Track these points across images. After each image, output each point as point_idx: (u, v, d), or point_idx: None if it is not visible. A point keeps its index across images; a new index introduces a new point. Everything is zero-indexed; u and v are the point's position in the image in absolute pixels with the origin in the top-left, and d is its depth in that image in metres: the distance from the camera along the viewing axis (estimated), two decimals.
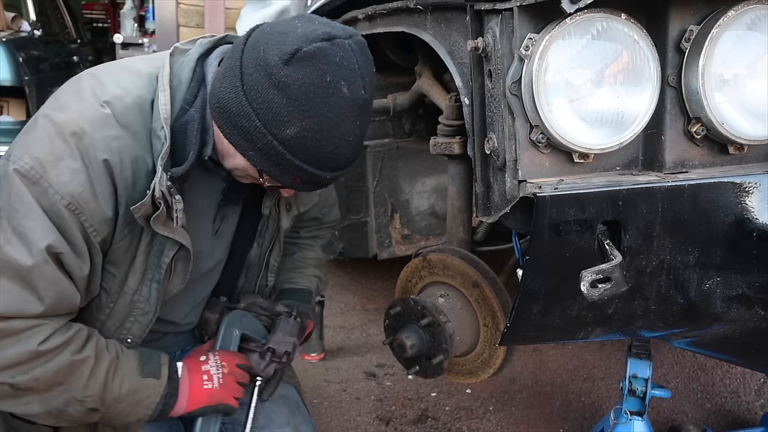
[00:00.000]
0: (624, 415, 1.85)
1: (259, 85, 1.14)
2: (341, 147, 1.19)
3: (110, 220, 1.22)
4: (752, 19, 1.21)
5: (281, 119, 1.14)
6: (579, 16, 1.15)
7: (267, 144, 1.17)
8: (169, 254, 1.30)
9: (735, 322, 1.34)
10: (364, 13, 2.03)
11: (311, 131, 1.15)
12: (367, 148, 2.45)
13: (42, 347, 1.20)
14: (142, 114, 1.24)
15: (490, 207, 1.44)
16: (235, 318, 1.52)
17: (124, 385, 1.29)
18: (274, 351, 1.51)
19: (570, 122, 1.21)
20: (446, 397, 2.59)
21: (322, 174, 1.21)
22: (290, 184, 1.26)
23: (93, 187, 1.19)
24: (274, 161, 1.19)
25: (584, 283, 1.15)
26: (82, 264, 1.22)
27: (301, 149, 1.17)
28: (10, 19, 5.59)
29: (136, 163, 1.22)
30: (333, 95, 1.14)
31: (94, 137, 1.19)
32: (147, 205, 1.19)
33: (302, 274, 1.77)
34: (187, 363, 1.41)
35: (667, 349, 2.83)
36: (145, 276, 1.31)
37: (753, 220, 1.23)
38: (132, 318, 1.34)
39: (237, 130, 1.18)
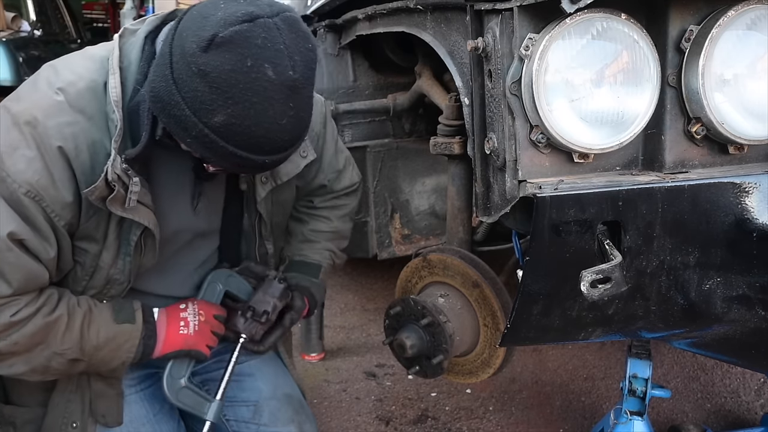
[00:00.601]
0: (624, 415, 1.85)
1: (184, 74, 1.12)
2: (274, 131, 1.16)
3: (72, 204, 1.25)
4: (752, 19, 1.21)
5: (207, 108, 1.12)
6: (579, 16, 1.15)
7: (200, 132, 1.15)
8: (136, 233, 1.33)
9: (735, 323, 1.34)
10: (364, 13, 2.03)
11: (239, 117, 1.12)
12: (367, 148, 2.45)
13: (14, 318, 1.25)
14: (96, 97, 1.25)
15: (490, 207, 1.44)
16: (221, 275, 1.55)
17: (101, 334, 1.34)
18: (253, 309, 1.54)
19: (570, 122, 1.21)
20: (446, 397, 2.59)
21: (259, 158, 1.19)
22: (231, 168, 1.27)
23: (50, 174, 1.21)
24: (210, 149, 1.17)
25: (584, 283, 1.15)
26: (48, 247, 1.25)
27: (233, 136, 1.14)
28: (10, 19, 5.60)
29: (94, 147, 1.24)
30: (257, 80, 1.10)
31: (47, 125, 1.21)
32: (100, 188, 1.21)
33: (312, 248, 1.73)
34: (166, 309, 1.45)
35: (667, 349, 2.83)
36: (119, 251, 1.34)
37: (753, 221, 1.23)
38: (106, 289, 1.38)
39: (172, 119, 1.17)
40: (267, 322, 1.56)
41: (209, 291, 1.54)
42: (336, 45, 2.42)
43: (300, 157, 1.53)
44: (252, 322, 1.55)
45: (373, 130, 2.49)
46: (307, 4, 2.56)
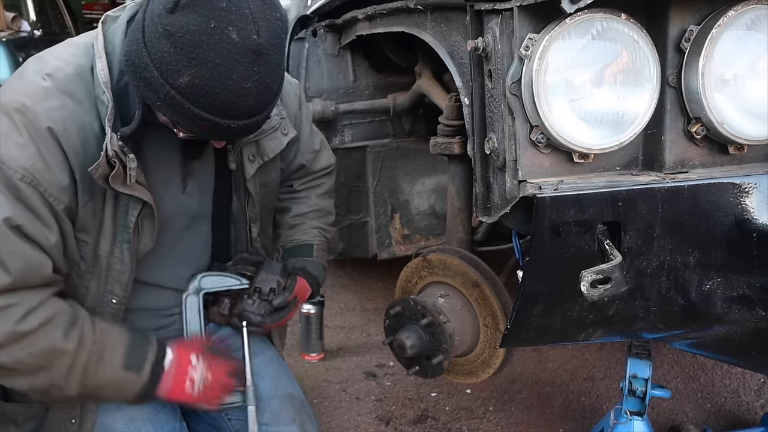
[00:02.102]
0: (624, 415, 1.85)
1: (153, 36, 1.15)
2: (239, 94, 1.16)
3: (69, 188, 1.26)
4: (752, 19, 1.20)
5: (173, 68, 1.14)
6: (579, 16, 1.15)
7: (167, 94, 1.17)
8: (134, 213, 1.34)
9: (735, 324, 1.33)
10: (364, 13, 2.03)
11: (203, 79, 1.14)
12: (367, 148, 2.46)
13: (20, 327, 1.24)
14: (83, 82, 1.28)
15: (490, 207, 1.44)
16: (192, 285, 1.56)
17: (106, 376, 1.34)
18: (260, 290, 1.58)
19: (570, 122, 1.21)
20: (446, 397, 2.59)
21: (225, 122, 1.20)
22: (199, 134, 1.27)
23: (43, 157, 1.23)
24: (177, 111, 1.19)
25: (584, 283, 1.15)
26: (49, 233, 1.25)
27: (198, 97, 1.16)
28: (10, 19, 5.60)
29: (83, 130, 1.26)
30: (220, 41, 1.12)
31: (36, 110, 1.23)
32: (103, 165, 1.23)
33: (299, 231, 1.78)
34: (177, 358, 1.43)
35: (667, 350, 2.83)
36: (115, 238, 1.35)
37: (753, 221, 1.23)
38: (111, 279, 1.38)
39: (143, 82, 1.19)
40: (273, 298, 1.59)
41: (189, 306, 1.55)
42: (336, 45, 2.42)
43: (282, 135, 1.60)
44: (260, 302, 1.59)
45: (373, 130, 2.50)
46: (307, 4, 2.56)
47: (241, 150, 1.54)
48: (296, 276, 1.67)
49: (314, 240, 1.78)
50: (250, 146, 1.55)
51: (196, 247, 1.58)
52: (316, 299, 2.78)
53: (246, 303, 1.59)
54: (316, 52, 2.44)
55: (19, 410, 1.43)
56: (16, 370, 1.27)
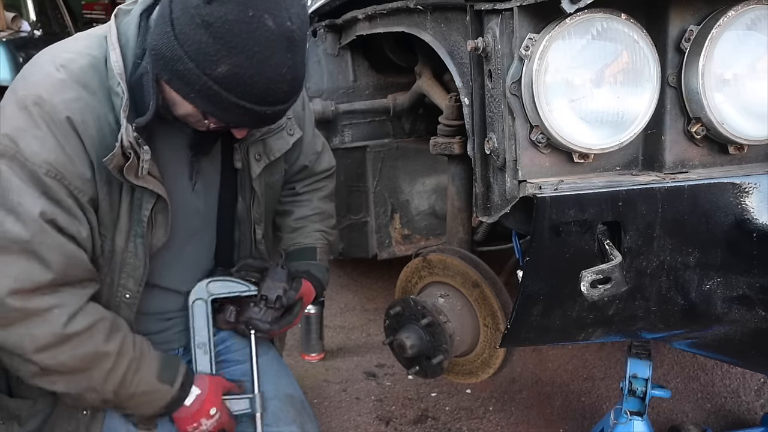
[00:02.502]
0: (624, 415, 1.85)
1: (186, 27, 1.16)
2: (275, 80, 1.19)
3: (90, 180, 1.27)
4: (752, 19, 1.20)
5: (211, 58, 1.15)
6: (579, 16, 1.15)
7: (203, 85, 1.18)
8: (147, 206, 1.34)
9: (735, 324, 1.33)
10: (364, 13, 2.03)
11: (242, 67, 1.16)
12: (367, 148, 2.45)
13: (67, 329, 1.25)
14: (98, 73, 1.28)
15: (490, 207, 1.44)
16: (199, 289, 1.56)
17: (141, 385, 1.37)
18: (266, 297, 1.58)
19: (570, 122, 1.21)
20: (446, 397, 2.59)
21: (262, 109, 1.22)
22: (234, 122, 1.28)
23: (63, 149, 1.23)
24: (213, 101, 1.20)
25: (584, 283, 1.15)
26: (80, 226, 1.27)
27: (236, 86, 1.17)
28: (10, 19, 5.60)
29: (99, 121, 1.26)
30: (258, 29, 1.14)
31: (53, 101, 1.23)
32: (118, 156, 1.23)
33: (302, 234, 1.78)
34: (202, 400, 1.46)
35: (667, 350, 2.83)
36: (130, 233, 1.35)
37: (753, 221, 1.23)
38: (125, 274, 1.38)
39: (175, 75, 1.20)
40: (281, 308, 1.60)
41: (197, 308, 1.55)
42: (336, 45, 2.42)
43: (288, 135, 1.61)
44: (267, 310, 1.59)
45: (373, 130, 2.50)
46: (307, 4, 2.56)
47: (247, 149, 1.54)
48: (301, 279, 1.67)
49: (317, 243, 1.78)
50: (257, 145, 1.55)
51: (201, 248, 1.58)
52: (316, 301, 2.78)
53: (252, 311, 1.59)
54: (316, 52, 2.44)
55: (23, 406, 1.43)
56: (58, 372, 1.29)
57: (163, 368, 1.41)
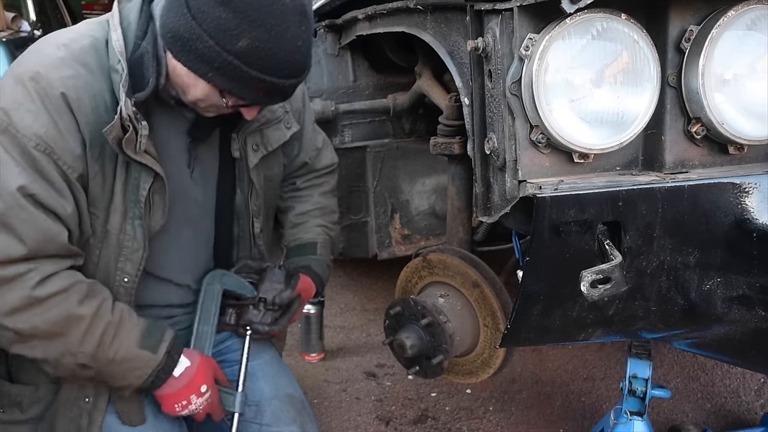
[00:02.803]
0: (624, 415, 1.85)
1: (204, 5, 1.19)
2: (292, 52, 1.24)
3: (81, 157, 1.28)
4: (752, 19, 1.20)
5: (232, 33, 1.18)
6: (579, 16, 1.15)
7: (224, 61, 1.21)
8: (145, 186, 1.35)
9: (735, 324, 1.33)
10: (364, 13, 2.03)
11: (262, 41, 1.19)
12: (367, 148, 2.45)
13: (36, 292, 1.25)
14: (98, 53, 1.31)
15: (490, 207, 1.44)
16: (216, 276, 1.58)
17: (120, 351, 1.35)
18: (265, 300, 1.59)
19: (570, 122, 1.21)
20: (446, 397, 2.59)
21: (280, 81, 1.25)
22: (253, 98, 1.29)
23: (56, 125, 1.24)
24: (233, 77, 1.23)
25: (584, 283, 1.15)
26: (65, 203, 1.27)
27: (256, 59, 1.21)
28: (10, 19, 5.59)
29: (95, 99, 1.28)
30: (274, 3, 1.19)
31: (50, 77, 1.25)
32: (117, 128, 1.25)
33: (303, 229, 1.79)
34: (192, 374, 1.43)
35: (667, 350, 2.83)
36: (126, 214, 1.36)
37: (753, 221, 1.23)
38: (123, 257, 1.38)
39: (194, 54, 1.22)
40: (280, 309, 1.61)
41: (208, 293, 1.56)
42: (336, 45, 2.42)
43: (285, 128, 1.63)
44: (266, 312, 1.60)
45: (373, 130, 2.50)
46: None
47: (245, 139, 1.55)
48: (299, 275, 1.67)
49: (318, 238, 1.78)
50: (255, 135, 1.56)
51: (200, 239, 1.58)
52: (316, 299, 2.78)
53: (252, 313, 1.59)
54: (316, 52, 2.44)
55: (24, 392, 1.43)
56: (33, 335, 1.28)
57: (145, 335, 1.38)
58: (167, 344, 1.40)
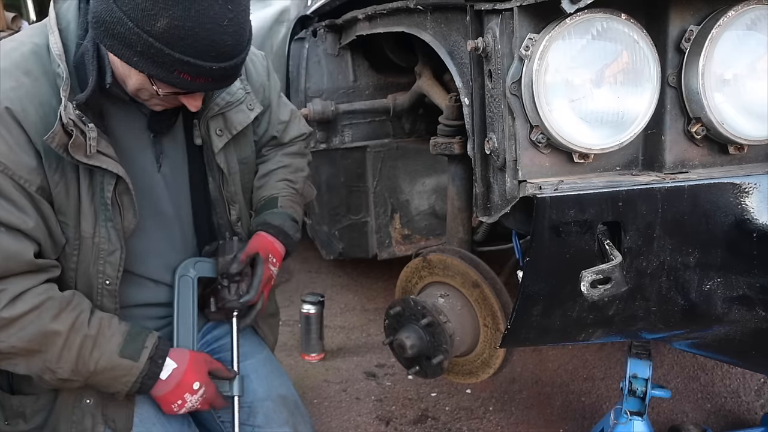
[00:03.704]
0: (624, 415, 1.85)
1: None
2: (217, 32, 1.18)
3: (36, 169, 1.26)
4: (752, 19, 1.20)
5: (149, 14, 1.14)
6: (579, 17, 1.15)
7: (144, 43, 1.16)
8: (108, 188, 1.33)
9: (736, 324, 1.33)
10: (364, 13, 2.03)
11: (180, 19, 1.14)
12: (367, 148, 2.46)
13: (5, 313, 1.24)
14: (39, 59, 1.29)
15: (490, 207, 1.44)
16: (187, 265, 1.56)
17: (101, 362, 1.34)
18: (227, 273, 1.55)
19: (570, 122, 1.21)
20: (446, 397, 2.59)
21: (207, 64, 1.20)
22: (180, 83, 1.23)
23: (5, 139, 1.23)
24: (156, 61, 1.18)
25: (584, 283, 1.15)
26: (26, 217, 1.25)
27: (177, 40, 1.16)
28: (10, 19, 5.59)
29: (42, 107, 1.26)
30: None
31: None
32: (59, 134, 1.21)
33: (265, 187, 1.74)
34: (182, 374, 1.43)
35: (667, 350, 2.83)
36: (97, 218, 1.34)
37: (753, 221, 1.23)
38: (101, 260, 1.37)
39: (116, 39, 1.19)
40: (242, 278, 1.57)
41: (183, 284, 1.55)
42: (336, 45, 2.42)
43: (248, 110, 1.59)
44: (233, 285, 1.56)
45: (373, 130, 2.50)
46: (307, 4, 2.56)
47: (207, 124, 1.51)
48: (248, 238, 1.61)
49: (280, 192, 1.72)
50: (217, 120, 1.53)
51: (179, 233, 1.57)
52: (315, 299, 2.78)
53: (223, 293, 1.56)
54: (316, 52, 2.44)
55: (26, 402, 1.43)
56: (13, 354, 1.28)
57: (126, 342, 1.37)
58: (149, 350, 1.39)
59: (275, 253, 1.63)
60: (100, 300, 1.39)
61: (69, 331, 1.30)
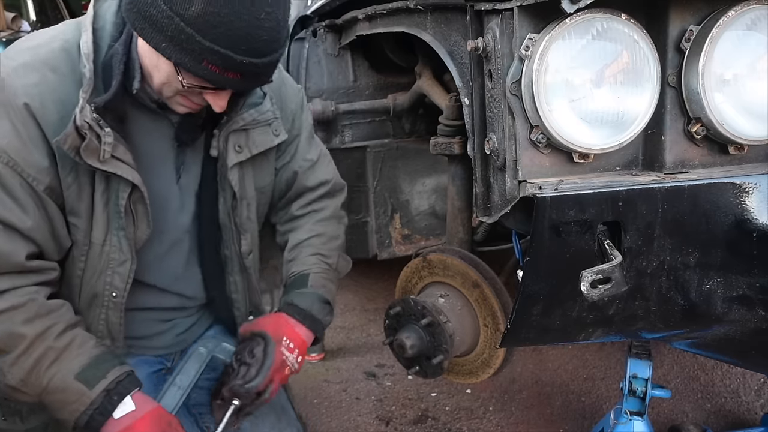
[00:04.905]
0: (624, 415, 1.85)
1: None
2: (253, 26, 1.12)
3: (48, 169, 1.23)
4: (752, 19, 1.20)
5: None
6: (579, 16, 1.15)
7: (176, 28, 1.11)
8: (123, 196, 1.29)
9: (736, 324, 1.33)
10: (364, 13, 2.03)
11: (216, 6, 1.09)
12: (367, 148, 2.45)
13: None
14: (69, 56, 1.25)
15: (490, 207, 1.44)
16: (208, 341, 1.55)
17: (54, 380, 1.24)
18: (240, 357, 1.45)
19: (570, 122, 1.21)
20: (446, 397, 2.59)
21: (237, 57, 1.13)
22: (207, 75, 1.17)
23: (19, 135, 1.20)
24: (184, 48, 1.13)
25: (584, 283, 1.15)
26: (25, 217, 1.22)
27: (209, 28, 1.10)
28: (10, 19, 5.60)
29: (64, 106, 1.22)
30: None
31: (14, 85, 1.21)
32: (72, 136, 1.18)
33: (296, 262, 1.60)
34: (139, 420, 1.26)
35: (667, 350, 2.83)
36: (109, 226, 1.30)
37: (753, 221, 1.23)
38: (110, 270, 1.33)
39: (147, 21, 1.14)
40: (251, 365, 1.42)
41: (194, 355, 1.52)
42: (336, 45, 2.42)
43: (273, 135, 1.50)
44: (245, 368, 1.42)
45: (373, 130, 2.50)
46: (307, 4, 2.56)
47: (227, 137, 1.43)
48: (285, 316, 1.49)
49: (311, 269, 1.58)
50: (238, 135, 1.44)
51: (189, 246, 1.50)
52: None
53: (230, 376, 1.43)
54: (316, 52, 2.44)
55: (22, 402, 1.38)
56: None
57: (89, 367, 1.25)
58: (108, 382, 1.25)
59: (294, 338, 1.48)
60: (106, 313, 1.35)
61: (35, 337, 1.23)
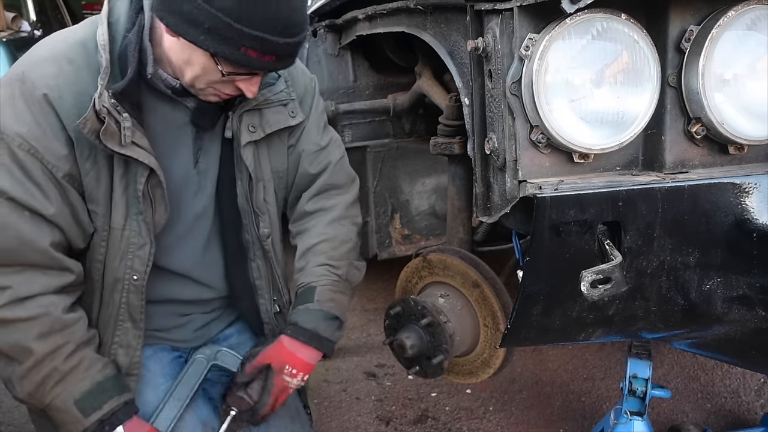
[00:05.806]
0: (624, 415, 1.85)
1: None
2: (284, 8, 1.19)
3: (67, 157, 1.27)
4: (752, 19, 1.20)
5: None
6: (579, 16, 1.15)
7: (212, 18, 1.16)
8: (141, 180, 1.32)
9: (735, 324, 1.33)
10: (364, 13, 2.03)
11: None
12: (367, 148, 2.45)
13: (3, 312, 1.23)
14: (85, 50, 1.30)
15: (490, 207, 1.44)
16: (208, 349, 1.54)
17: (56, 401, 1.30)
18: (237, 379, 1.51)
19: (570, 122, 1.21)
20: (446, 397, 2.59)
21: (274, 39, 1.19)
22: (246, 61, 1.22)
23: (39, 124, 1.24)
24: (223, 37, 1.18)
25: (584, 283, 1.15)
26: (47, 203, 1.25)
27: (244, 14, 1.15)
28: (10, 19, 5.59)
29: (80, 96, 1.26)
30: None
31: (33, 77, 1.25)
32: (91, 120, 1.21)
33: (304, 272, 1.59)
34: None
35: (667, 350, 2.83)
36: (129, 210, 1.34)
37: (753, 221, 1.23)
38: (130, 254, 1.36)
39: (182, 17, 1.19)
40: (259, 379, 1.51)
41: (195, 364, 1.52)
42: (336, 45, 2.42)
43: (290, 116, 1.53)
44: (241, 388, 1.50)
45: (373, 130, 2.50)
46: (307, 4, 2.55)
47: (241, 117, 1.45)
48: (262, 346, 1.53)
49: (319, 281, 1.56)
50: (252, 115, 1.46)
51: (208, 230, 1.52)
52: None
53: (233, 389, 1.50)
54: (316, 52, 2.44)
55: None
56: None
57: (88, 394, 1.30)
58: (103, 413, 1.30)
59: (295, 364, 1.51)
60: (126, 296, 1.38)
61: (44, 356, 1.27)
